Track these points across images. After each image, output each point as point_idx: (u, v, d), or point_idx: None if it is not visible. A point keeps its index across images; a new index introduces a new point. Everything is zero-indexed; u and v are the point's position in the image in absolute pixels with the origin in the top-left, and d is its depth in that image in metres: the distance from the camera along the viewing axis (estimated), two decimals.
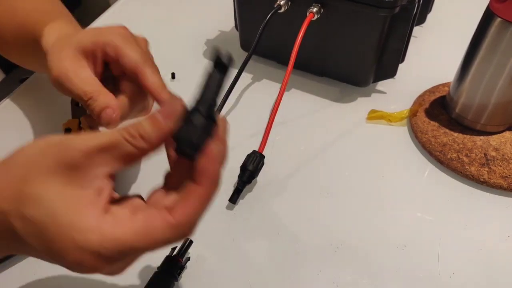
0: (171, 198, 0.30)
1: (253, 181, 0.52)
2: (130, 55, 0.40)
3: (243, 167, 0.51)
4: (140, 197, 0.31)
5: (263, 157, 0.51)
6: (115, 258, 0.27)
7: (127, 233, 0.26)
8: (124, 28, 0.43)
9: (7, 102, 0.63)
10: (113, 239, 0.26)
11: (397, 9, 0.53)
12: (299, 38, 0.52)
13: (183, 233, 0.28)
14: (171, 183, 0.32)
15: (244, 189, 0.51)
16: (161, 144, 0.29)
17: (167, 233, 0.27)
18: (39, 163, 0.28)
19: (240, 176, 0.51)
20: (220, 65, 0.30)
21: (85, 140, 0.28)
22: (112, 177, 0.29)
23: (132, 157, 0.29)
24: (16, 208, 0.27)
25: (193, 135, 0.29)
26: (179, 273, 0.43)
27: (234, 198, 0.50)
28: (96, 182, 0.28)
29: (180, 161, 0.32)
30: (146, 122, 0.28)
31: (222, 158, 0.29)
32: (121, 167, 0.29)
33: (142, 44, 0.43)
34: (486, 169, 0.52)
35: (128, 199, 0.30)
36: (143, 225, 0.27)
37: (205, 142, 0.29)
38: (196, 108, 0.29)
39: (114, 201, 0.29)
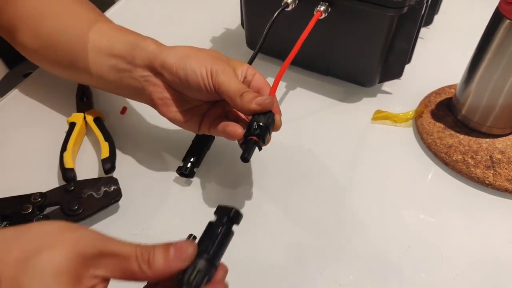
0: None
1: (255, 182, 0.52)
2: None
3: (256, 121, 0.42)
4: None
5: (273, 113, 0.44)
6: None
7: None
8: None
9: (10, 96, 0.63)
10: None
11: (405, 9, 0.53)
12: (305, 34, 0.52)
13: None
14: None
15: (247, 190, 0.51)
16: (163, 277, 0.31)
17: None
18: (57, 241, 0.29)
19: (251, 132, 0.42)
20: (227, 220, 0.34)
21: (105, 242, 0.30)
22: (106, 283, 0.30)
23: (131, 275, 0.30)
24: (14, 274, 0.27)
25: (194, 279, 0.31)
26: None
27: (245, 155, 0.41)
28: (93, 281, 0.29)
29: None
30: (160, 254, 0.31)
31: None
32: (117, 278, 0.30)
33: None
34: (492, 171, 0.52)
35: None
36: None
37: (203, 284, 0.32)
38: (201, 253, 0.32)
39: None
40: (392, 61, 0.59)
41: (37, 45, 0.52)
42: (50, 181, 0.52)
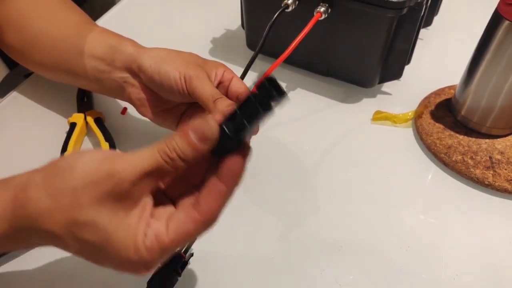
0: (195, 195, 0.33)
1: (255, 182, 0.52)
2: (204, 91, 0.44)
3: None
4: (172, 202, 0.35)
5: None
6: (157, 261, 0.32)
7: (166, 243, 0.31)
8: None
9: (11, 97, 0.63)
10: (155, 251, 0.31)
11: (405, 11, 0.53)
12: (302, 34, 0.52)
13: (207, 225, 0.32)
14: (193, 179, 0.35)
15: (246, 190, 0.51)
16: (199, 157, 0.31)
17: (195, 229, 0.31)
18: (89, 193, 0.30)
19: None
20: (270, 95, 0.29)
21: (130, 168, 0.30)
22: (153, 191, 0.32)
23: (170, 174, 0.32)
24: (71, 232, 0.31)
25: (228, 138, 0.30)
26: (182, 269, 0.43)
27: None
28: (141, 202, 0.32)
29: (203, 161, 0.33)
30: (182, 143, 0.30)
31: (243, 163, 0.32)
32: (160, 182, 0.34)
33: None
34: (491, 172, 0.52)
35: (162, 208, 0.33)
36: (177, 232, 0.31)
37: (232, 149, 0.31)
38: (233, 117, 0.31)
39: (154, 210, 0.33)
40: (392, 62, 0.60)
41: (22, 46, 0.52)
42: None
